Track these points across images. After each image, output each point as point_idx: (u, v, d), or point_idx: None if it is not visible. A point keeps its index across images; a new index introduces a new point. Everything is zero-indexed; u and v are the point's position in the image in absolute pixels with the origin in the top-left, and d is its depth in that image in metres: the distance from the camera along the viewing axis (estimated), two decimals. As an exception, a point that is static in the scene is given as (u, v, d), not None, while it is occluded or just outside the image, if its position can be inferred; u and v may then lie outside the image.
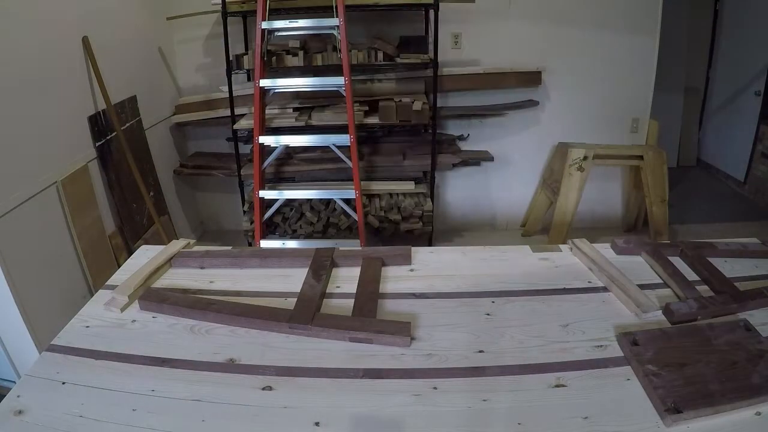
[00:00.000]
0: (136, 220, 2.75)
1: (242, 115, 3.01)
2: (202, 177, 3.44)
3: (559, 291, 1.18)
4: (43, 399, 0.88)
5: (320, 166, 3.11)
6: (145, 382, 0.92)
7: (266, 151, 2.79)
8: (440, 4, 2.73)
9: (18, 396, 0.86)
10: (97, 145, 2.44)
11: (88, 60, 2.37)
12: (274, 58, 2.86)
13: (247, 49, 3.14)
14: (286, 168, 3.10)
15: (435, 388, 0.89)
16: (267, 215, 2.81)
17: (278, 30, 2.59)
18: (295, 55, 2.88)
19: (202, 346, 1.01)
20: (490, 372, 0.93)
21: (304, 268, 1.28)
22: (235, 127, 2.90)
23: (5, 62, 1.87)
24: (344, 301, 1.16)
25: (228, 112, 2.94)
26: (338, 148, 2.82)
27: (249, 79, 3.13)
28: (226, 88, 2.89)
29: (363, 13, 2.92)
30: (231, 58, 2.82)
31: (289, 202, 3.01)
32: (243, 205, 3.02)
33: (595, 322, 1.06)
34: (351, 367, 0.95)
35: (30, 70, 2.00)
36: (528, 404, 0.85)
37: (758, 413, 0.81)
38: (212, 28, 3.16)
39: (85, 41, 2.35)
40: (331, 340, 1.02)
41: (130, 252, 2.47)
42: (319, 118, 2.93)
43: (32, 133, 2.00)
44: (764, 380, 0.85)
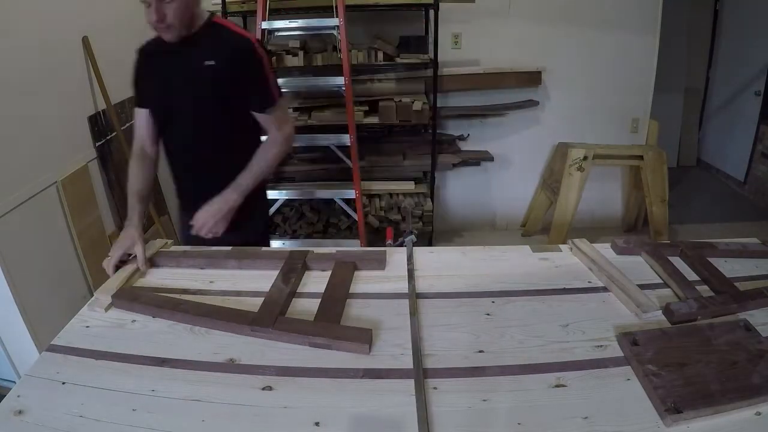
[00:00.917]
0: (136, 220, 2.75)
1: (242, 115, 3.01)
2: (202, 177, 3.43)
3: (559, 291, 1.18)
4: (43, 399, 0.88)
5: (320, 166, 3.11)
6: (145, 382, 0.92)
7: (266, 151, 2.78)
8: (440, 4, 2.73)
9: (18, 396, 0.86)
10: (97, 145, 2.44)
11: (88, 60, 2.37)
12: (274, 58, 2.86)
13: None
14: (286, 168, 3.10)
15: (435, 388, 0.89)
16: (267, 215, 2.81)
17: (278, 30, 2.60)
18: (295, 55, 2.88)
19: (202, 346, 1.01)
20: (490, 372, 0.93)
21: (275, 270, 1.25)
22: (235, 127, 2.90)
23: (5, 62, 1.87)
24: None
25: (228, 112, 2.94)
26: (338, 148, 2.82)
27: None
28: (226, 88, 2.88)
29: (363, 13, 2.92)
30: (231, 58, 2.81)
31: (289, 202, 3.01)
32: (243, 205, 3.01)
33: (595, 322, 1.06)
34: (351, 367, 0.95)
35: (30, 70, 2.00)
36: (528, 404, 0.85)
37: (758, 413, 0.81)
38: (212, 28, 3.16)
39: (85, 41, 2.35)
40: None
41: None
42: (319, 118, 2.93)
43: (32, 133, 2.00)
44: (764, 380, 0.85)
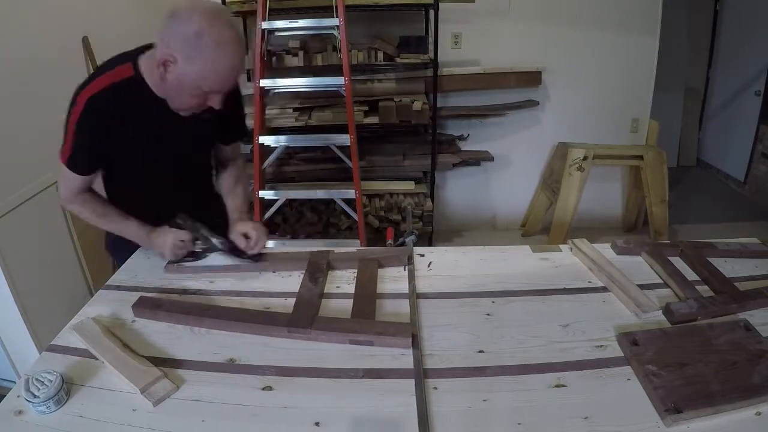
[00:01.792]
0: (136, 220, 2.75)
1: (242, 115, 3.01)
2: (202, 177, 3.44)
3: (559, 291, 1.18)
4: (43, 399, 0.88)
5: (320, 166, 3.11)
6: (145, 382, 0.91)
7: (266, 151, 2.79)
8: (440, 4, 2.73)
9: (18, 396, 0.86)
10: (97, 145, 2.44)
11: (88, 60, 2.37)
12: (274, 58, 2.86)
13: (247, 49, 3.14)
14: (286, 168, 3.10)
15: (435, 388, 0.89)
16: (267, 215, 2.81)
17: (278, 30, 2.59)
18: (295, 55, 2.88)
19: (202, 346, 1.01)
20: (490, 372, 0.93)
21: (301, 270, 1.27)
22: (235, 127, 2.90)
23: (5, 62, 1.87)
24: (342, 304, 1.15)
25: (228, 112, 2.94)
26: (338, 148, 2.82)
27: (249, 80, 3.13)
28: (226, 88, 2.89)
29: (363, 13, 2.92)
30: (231, 58, 2.81)
31: (289, 202, 3.01)
32: (243, 205, 3.01)
33: (595, 322, 1.06)
34: (351, 367, 0.95)
35: (30, 70, 2.00)
36: (528, 404, 0.85)
37: (758, 413, 0.81)
38: (212, 28, 3.16)
39: (85, 41, 2.35)
40: (331, 343, 1.02)
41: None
42: (319, 118, 2.93)
43: (32, 134, 2.00)
44: (764, 380, 0.85)
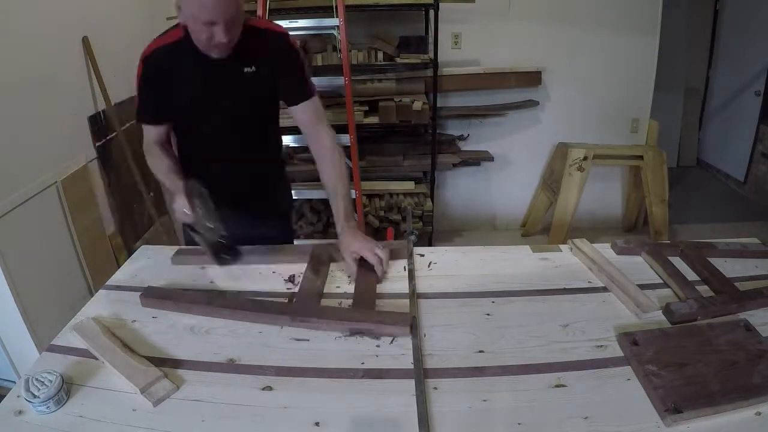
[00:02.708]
0: (136, 220, 2.75)
1: (242, 115, 3.01)
2: (202, 177, 3.43)
3: (559, 291, 1.18)
4: (43, 399, 0.88)
5: (320, 166, 3.11)
6: (145, 382, 0.91)
7: (266, 151, 2.78)
8: (440, 4, 2.73)
9: (18, 396, 0.86)
10: (97, 145, 2.44)
11: (88, 60, 2.37)
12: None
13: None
14: (288, 168, 3.10)
15: (435, 388, 0.89)
16: (267, 215, 2.81)
17: (278, 30, 2.59)
18: (295, 55, 2.88)
19: (202, 346, 1.01)
20: (490, 372, 0.93)
21: (302, 263, 1.30)
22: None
23: (6, 62, 1.87)
24: (342, 303, 1.17)
25: (228, 112, 2.94)
26: (338, 148, 2.81)
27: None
28: (226, 88, 2.89)
29: (363, 13, 2.92)
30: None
31: (289, 202, 3.00)
32: (243, 205, 3.01)
33: (595, 322, 1.06)
34: (351, 367, 0.95)
35: (30, 70, 2.00)
36: (528, 404, 0.85)
37: (758, 413, 0.81)
38: (212, 28, 3.16)
39: (85, 41, 2.35)
40: (331, 342, 1.02)
41: (130, 252, 2.47)
42: (319, 118, 2.93)
43: (32, 133, 2.00)
44: (764, 380, 0.85)
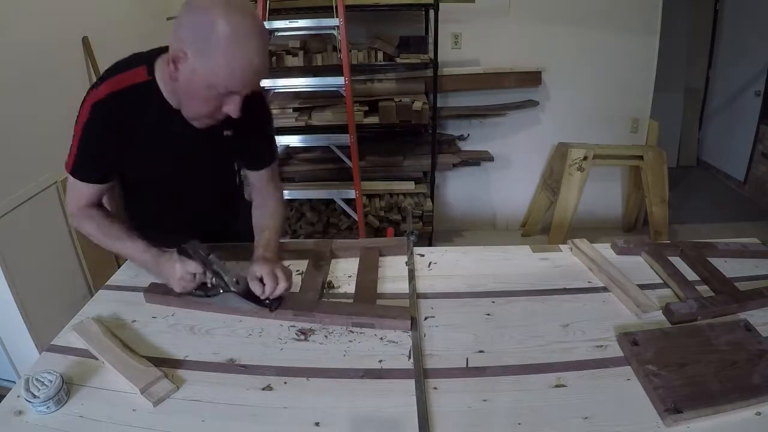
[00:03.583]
0: (136, 220, 2.75)
1: (242, 115, 3.01)
2: (202, 177, 3.43)
3: (559, 291, 1.18)
4: (43, 399, 0.88)
5: (320, 166, 3.12)
6: (145, 382, 0.91)
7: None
8: (440, 4, 2.73)
9: (18, 396, 0.86)
10: (97, 145, 2.44)
11: (88, 60, 2.37)
12: (274, 58, 2.86)
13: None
14: (286, 168, 3.11)
15: (435, 388, 0.89)
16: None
17: (278, 30, 2.59)
18: (295, 55, 2.88)
19: (202, 346, 1.01)
20: (490, 372, 0.93)
21: (303, 260, 1.30)
22: (235, 127, 2.90)
23: (5, 62, 1.87)
24: (344, 290, 1.19)
25: (228, 112, 2.94)
26: (338, 148, 2.82)
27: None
28: (226, 89, 2.88)
29: (363, 13, 2.92)
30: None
31: (289, 202, 3.01)
32: (243, 205, 3.01)
33: (595, 322, 1.06)
34: (351, 367, 0.95)
35: (30, 70, 2.00)
36: (528, 404, 0.85)
37: (758, 413, 0.81)
38: (212, 28, 3.16)
39: (85, 41, 2.35)
40: (331, 342, 1.02)
41: (130, 252, 2.47)
42: (319, 118, 2.93)
43: (32, 134, 2.00)
44: (764, 380, 0.85)
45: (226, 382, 0.92)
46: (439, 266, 1.31)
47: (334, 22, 2.47)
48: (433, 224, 3.13)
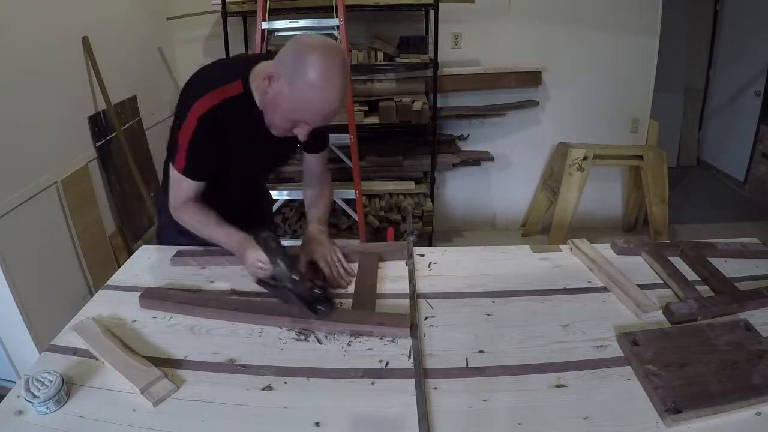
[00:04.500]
0: (136, 220, 2.75)
1: (242, 115, 3.01)
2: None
3: (559, 291, 1.18)
4: (43, 399, 0.88)
5: (320, 166, 3.10)
6: (145, 382, 0.91)
7: (266, 151, 2.78)
8: (440, 4, 2.73)
9: (18, 396, 0.86)
10: (97, 145, 2.44)
11: (88, 60, 2.37)
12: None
13: (247, 49, 3.14)
14: (286, 168, 3.10)
15: (435, 388, 0.89)
16: (267, 215, 2.81)
17: (278, 30, 2.59)
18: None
19: (202, 346, 1.01)
20: (490, 372, 0.93)
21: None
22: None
23: (5, 62, 1.87)
24: (343, 294, 1.18)
25: (228, 112, 2.94)
26: (338, 147, 2.81)
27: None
28: (226, 88, 2.88)
29: (363, 13, 2.92)
30: (231, 58, 2.81)
31: (289, 202, 3.01)
32: (243, 205, 3.01)
33: (595, 322, 1.06)
34: (351, 367, 0.95)
35: (30, 70, 2.00)
36: (528, 404, 0.85)
37: (758, 413, 0.81)
38: (212, 28, 3.16)
39: (85, 41, 2.35)
40: (331, 342, 1.02)
41: (130, 252, 2.48)
42: (319, 118, 2.92)
43: (32, 134, 2.00)
44: (764, 380, 0.85)
45: (226, 382, 0.92)
46: (439, 266, 1.31)
47: (334, 22, 2.47)
48: (433, 224, 3.13)
